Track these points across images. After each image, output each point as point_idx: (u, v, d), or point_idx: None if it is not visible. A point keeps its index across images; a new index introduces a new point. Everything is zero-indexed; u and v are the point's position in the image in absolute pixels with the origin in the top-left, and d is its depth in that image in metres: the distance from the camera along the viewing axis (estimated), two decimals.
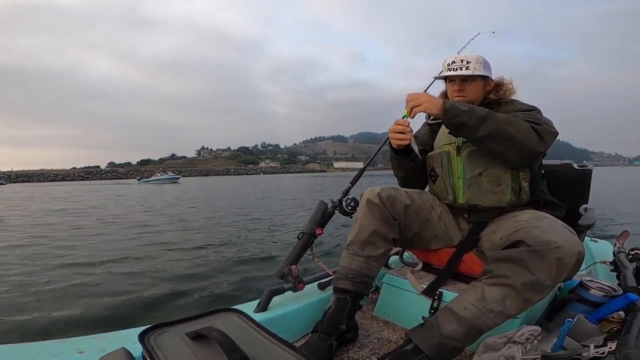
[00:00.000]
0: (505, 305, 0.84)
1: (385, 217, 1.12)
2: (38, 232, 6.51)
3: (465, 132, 1.03)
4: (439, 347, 0.84)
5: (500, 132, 0.99)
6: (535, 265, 0.82)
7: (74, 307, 2.68)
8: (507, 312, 0.84)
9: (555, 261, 0.81)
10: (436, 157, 1.24)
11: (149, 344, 0.72)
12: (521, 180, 1.11)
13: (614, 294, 1.00)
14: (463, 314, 0.86)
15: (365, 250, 1.10)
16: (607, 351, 0.74)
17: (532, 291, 0.83)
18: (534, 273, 0.82)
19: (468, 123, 1.00)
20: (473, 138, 1.03)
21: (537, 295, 0.84)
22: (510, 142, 0.99)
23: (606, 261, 1.64)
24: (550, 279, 0.82)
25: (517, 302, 0.84)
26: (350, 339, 1.08)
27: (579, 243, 0.85)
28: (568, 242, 0.83)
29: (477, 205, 1.15)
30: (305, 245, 1.21)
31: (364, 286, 1.09)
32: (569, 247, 0.82)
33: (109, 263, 4.02)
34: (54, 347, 0.82)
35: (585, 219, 1.20)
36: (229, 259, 4.08)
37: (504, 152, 1.01)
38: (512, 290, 0.83)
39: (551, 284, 0.83)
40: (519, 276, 0.83)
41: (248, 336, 0.80)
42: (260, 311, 1.10)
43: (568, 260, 0.81)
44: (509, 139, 0.98)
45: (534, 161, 1.09)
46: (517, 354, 0.85)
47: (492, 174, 1.11)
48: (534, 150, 0.99)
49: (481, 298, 0.86)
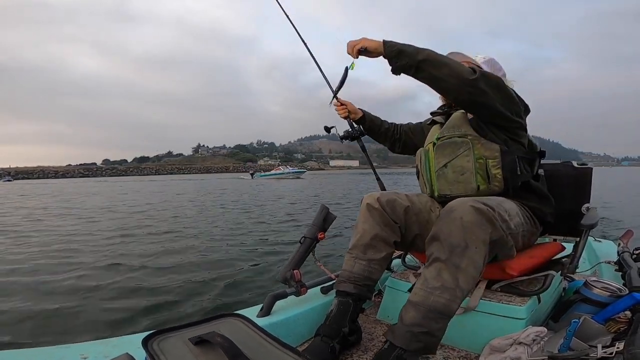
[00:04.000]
0: (443, 279, 0.87)
1: (386, 221, 1.13)
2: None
3: (405, 59, 1.04)
4: (406, 337, 0.86)
5: (437, 56, 1.03)
6: (445, 233, 0.89)
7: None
8: (447, 284, 0.86)
9: (458, 222, 0.88)
10: (418, 154, 1.35)
11: (152, 350, 0.71)
12: (490, 168, 1.11)
13: (620, 293, 0.99)
14: (415, 299, 0.89)
15: (367, 254, 1.11)
16: (615, 351, 0.73)
17: (455, 256, 0.87)
18: (447, 239, 0.88)
19: (407, 50, 1.04)
20: (413, 63, 1.03)
21: (463, 259, 0.87)
22: (448, 67, 1.01)
23: (611, 261, 1.63)
24: (462, 239, 0.87)
25: (450, 272, 0.87)
26: (353, 343, 1.08)
27: (472, 199, 0.92)
28: (462, 202, 0.92)
29: (447, 195, 1.18)
30: (307, 250, 1.20)
31: (366, 289, 1.10)
32: (461, 204, 0.91)
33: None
34: (58, 353, 0.82)
35: (587, 219, 1.19)
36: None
37: (443, 76, 1.02)
38: (440, 262, 0.89)
39: (467, 244, 0.87)
40: (440, 248, 0.89)
41: (251, 341, 0.79)
42: (263, 316, 1.10)
43: (468, 216, 0.88)
44: (446, 64, 1.02)
45: (474, 96, 1.04)
46: (523, 355, 0.84)
47: (455, 164, 1.15)
48: (465, 76, 1.00)
49: (424, 280, 0.90)
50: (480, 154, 1.11)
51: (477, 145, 1.12)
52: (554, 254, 1.27)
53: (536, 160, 1.22)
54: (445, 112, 1.33)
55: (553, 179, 1.35)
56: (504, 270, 1.08)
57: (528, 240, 1.16)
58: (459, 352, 1.06)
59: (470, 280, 0.88)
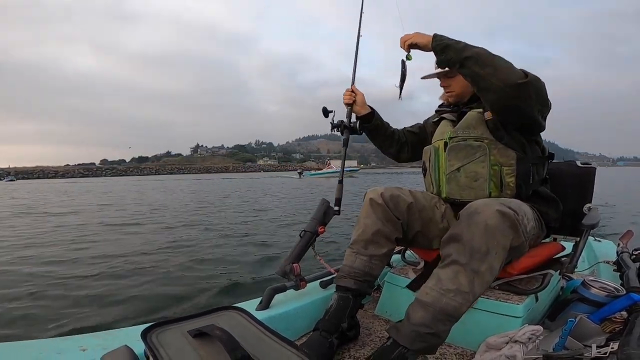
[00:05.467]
0: (459, 282, 0.86)
1: (389, 217, 1.13)
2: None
3: (451, 53, 1.04)
4: (411, 336, 0.86)
5: (485, 55, 1.01)
6: (467, 235, 0.87)
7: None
8: (463, 288, 0.86)
9: (482, 225, 0.86)
10: (427, 151, 1.31)
11: (151, 342, 0.72)
12: (504, 176, 1.09)
13: (617, 294, 1.00)
14: (425, 299, 0.88)
15: (368, 250, 1.11)
16: (609, 351, 0.74)
17: (475, 260, 0.86)
18: (469, 242, 0.86)
19: (454, 46, 1.04)
20: (458, 59, 1.03)
21: (482, 264, 0.85)
22: (493, 67, 0.99)
23: (609, 261, 1.63)
24: (484, 244, 0.85)
25: (467, 276, 0.86)
26: (351, 338, 1.09)
27: (498, 202, 0.90)
28: (486, 204, 0.89)
29: (456, 200, 1.17)
30: (307, 244, 1.20)
31: (366, 285, 1.10)
32: (487, 209, 0.88)
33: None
34: (57, 345, 0.83)
35: (589, 219, 1.18)
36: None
37: (486, 76, 0.99)
38: (459, 265, 0.87)
39: (488, 249, 0.85)
40: (460, 250, 0.87)
41: (250, 334, 0.80)
42: (262, 309, 1.11)
43: (492, 220, 0.86)
44: (492, 63, 0.99)
45: (518, 101, 1.00)
46: (518, 353, 0.84)
47: (469, 169, 1.13)
48: (514, 80, 0.97)
49: (438, 281, 0.89)
50: (496, 160, 1.09)
51: (494, 151, 1.09)
52: (554, 253, 1.27)
53: (546, 163, 1.20)
54: (456, 110, 1.28)
55: (556, 178, 1.33)
56: (504, 270, 1.08)
57: (534, 242, 1.15)
58: (455, 348, 1.07)
59: (485, 286, 0.88)
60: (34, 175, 75.56)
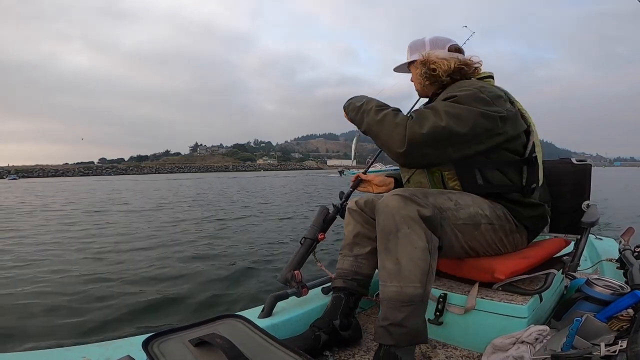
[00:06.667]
0: (387, 268, 0.90)
1: (366, 220, 1.18)
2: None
3: (352, 114, 1.16)
4: (379, 332, 0.89)
5: (372, 129, 1.06)
6: (379, 225, 0.94)
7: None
8: (392, 271, 0.88)
9: (384, 209, 0.92)
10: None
11: (152, 352, 0.71)
12: (447, 181, 1.09)
13: (622, 291, 0.99)
14: (381, 295, 0.92)
15: (353, 251, 1.18)
16: (618, 349, 0.73)
17: (390, 242, 0.90)
18: (382, 229, 0.92)
19: (354, 119, 1.15)
20: (360, 125, 1.13)
21: (397, 241, 0.89)
22: (379, 140, 1.05)
23: (612, 259, 1.63)
24: (392, 223, 0.90)
25: (390, 258, 0.89)
26: (348, 338, 1.08)
27: (396, 190, 0.96)
28: (388, 193, 0.97)
29: None
30: (307, 250, 1.21)
31: (356, 284, 1.14)
32: (387, 195, 0.95)
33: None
34: (60, 355, 0.83)
35: (588, 216, 1.18)
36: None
37: (380, 146, 1.07)
38: (381, 254, 0.93)
39: (397, 227, 0.89)
40: (379, 240, 0.94)
41: (252, 342, 0.79)
42: (264, 317, 1.10)
43: (392, 202, 0.91)
44: (377, 136, 1.05)
45: (414, 164, 1.08)
46: (526, 354, 0.83)
47: (414, 180, 1.16)
48: (394, 150, 1.00)
49: (380, 274, 0.93)
50: (433, 167, 1.10)
51: None
52: (554, 251, 1.26)
53: (524, 167, 1.08)
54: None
55: (552, 177, 1.32)
56: (492, 275, 1.07)
57: (507, 237, 1.10)
58: (461, 351, 1.06)
59: (415, 258, 0.86)
60: (34, 173, 74.09)
